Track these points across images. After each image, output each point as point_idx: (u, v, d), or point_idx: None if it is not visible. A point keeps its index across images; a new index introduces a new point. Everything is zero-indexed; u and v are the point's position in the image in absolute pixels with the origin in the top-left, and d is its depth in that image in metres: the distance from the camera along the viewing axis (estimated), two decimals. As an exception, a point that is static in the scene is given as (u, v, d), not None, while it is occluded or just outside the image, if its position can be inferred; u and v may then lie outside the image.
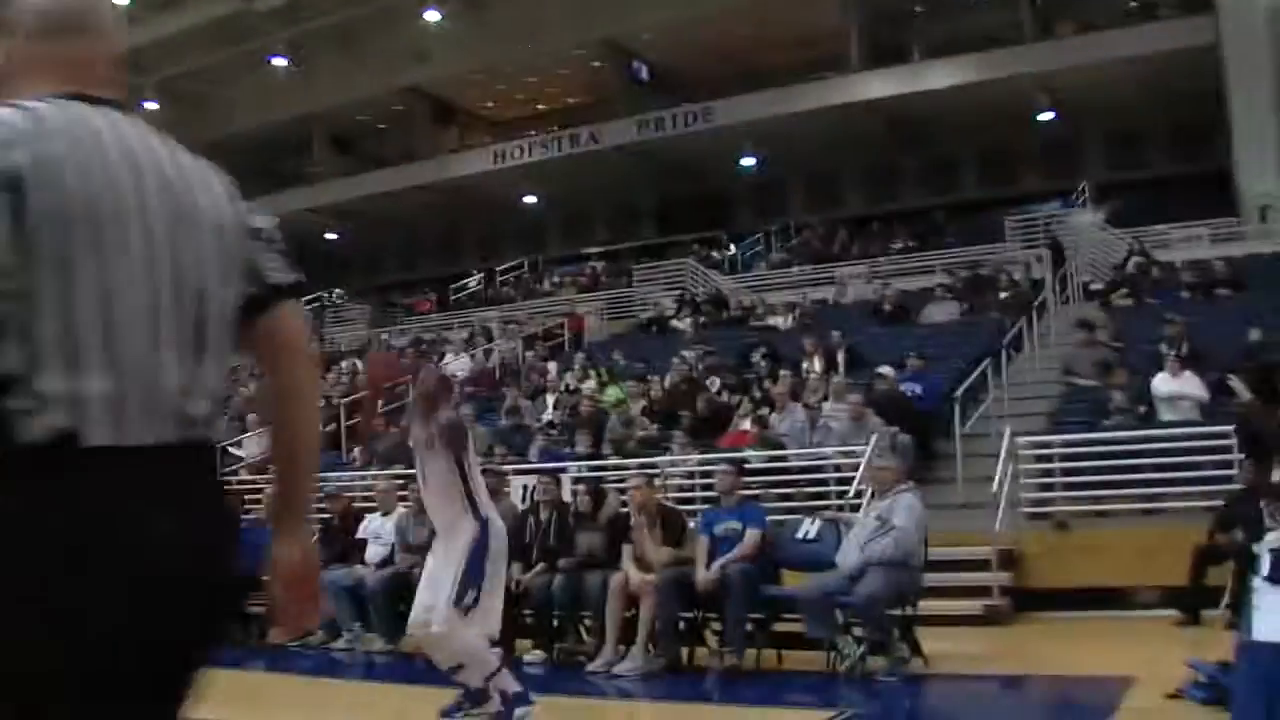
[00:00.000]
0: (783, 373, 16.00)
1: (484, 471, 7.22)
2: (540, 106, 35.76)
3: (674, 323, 23.72)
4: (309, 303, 27.87)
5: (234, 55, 32.08)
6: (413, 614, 7.02)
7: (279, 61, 32.79)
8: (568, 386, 18.54)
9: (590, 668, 9.13)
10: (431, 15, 29.69)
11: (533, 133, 33.32)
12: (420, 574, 7.33)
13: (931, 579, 9.13)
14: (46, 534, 1.73)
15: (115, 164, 1.87)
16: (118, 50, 2.09)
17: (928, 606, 9.00)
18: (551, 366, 21.10)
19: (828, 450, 12.93)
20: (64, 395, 1.77)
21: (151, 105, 32.22)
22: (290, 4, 29.34)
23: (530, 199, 34.58)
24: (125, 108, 1.99)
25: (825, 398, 14.38)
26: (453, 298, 33.31)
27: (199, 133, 25.10)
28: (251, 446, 16.49)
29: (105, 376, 1.80)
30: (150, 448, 1.84)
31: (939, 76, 27.05)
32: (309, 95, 32.90)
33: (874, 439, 12.23)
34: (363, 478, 14.47)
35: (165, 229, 1.91)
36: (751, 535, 9.12)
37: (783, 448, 13.42)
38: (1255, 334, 14.15)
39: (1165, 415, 12.79)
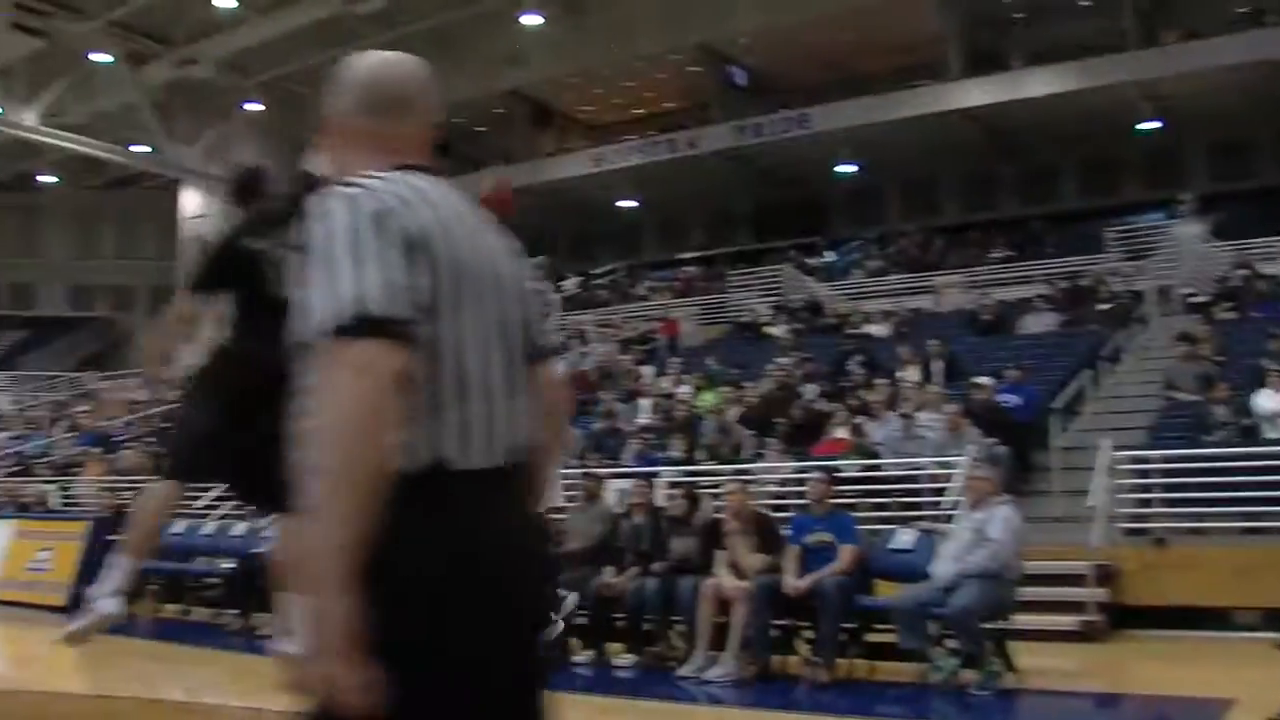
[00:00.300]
0: (879, 381, 15.95)
1: (584, 474, 7.22)
2: (637, 111, 35.80)
3: (769, 329, 23.69)
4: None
5: (334, 57, 32.35)
6: None
7: (378, 64, 33.11)
8: (665, 392, 18.56)
9: (681, 673, 9.17)
10: (529, 19, 29.85)
11: (630, 137, 33.38)
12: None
13: (1026, 593, 9.07)
14: (433, 549, 1.97)
15: (468, 230, 2.14)
16: (434, 126, 2.33)
17: (1022, 621, 8.96)
18: (647, 371, 21.17)
19: (923, 460, 12.85)
20: (437, 426, 2.02)
21: (256, 107, 32.85)
22: (389, 7, 29.63)
23: (626, 203, 34.64)
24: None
25: (921, 407, 14.30)
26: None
27: (300, 134, 25.40)
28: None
29: (467, 411, 2.05)
30: (495, 470, 2.09)
31: (1039, 84, 26.60)
32: (407, 98, 33.25)
33: (970, 450, 12.18)
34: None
35: (497, 287, 2.16)
36: (849, 551, 9.12)
37: (878, 456, 13.38)
38: (1363, 350, 13.83)
39: (1268, 432, 12.55)
